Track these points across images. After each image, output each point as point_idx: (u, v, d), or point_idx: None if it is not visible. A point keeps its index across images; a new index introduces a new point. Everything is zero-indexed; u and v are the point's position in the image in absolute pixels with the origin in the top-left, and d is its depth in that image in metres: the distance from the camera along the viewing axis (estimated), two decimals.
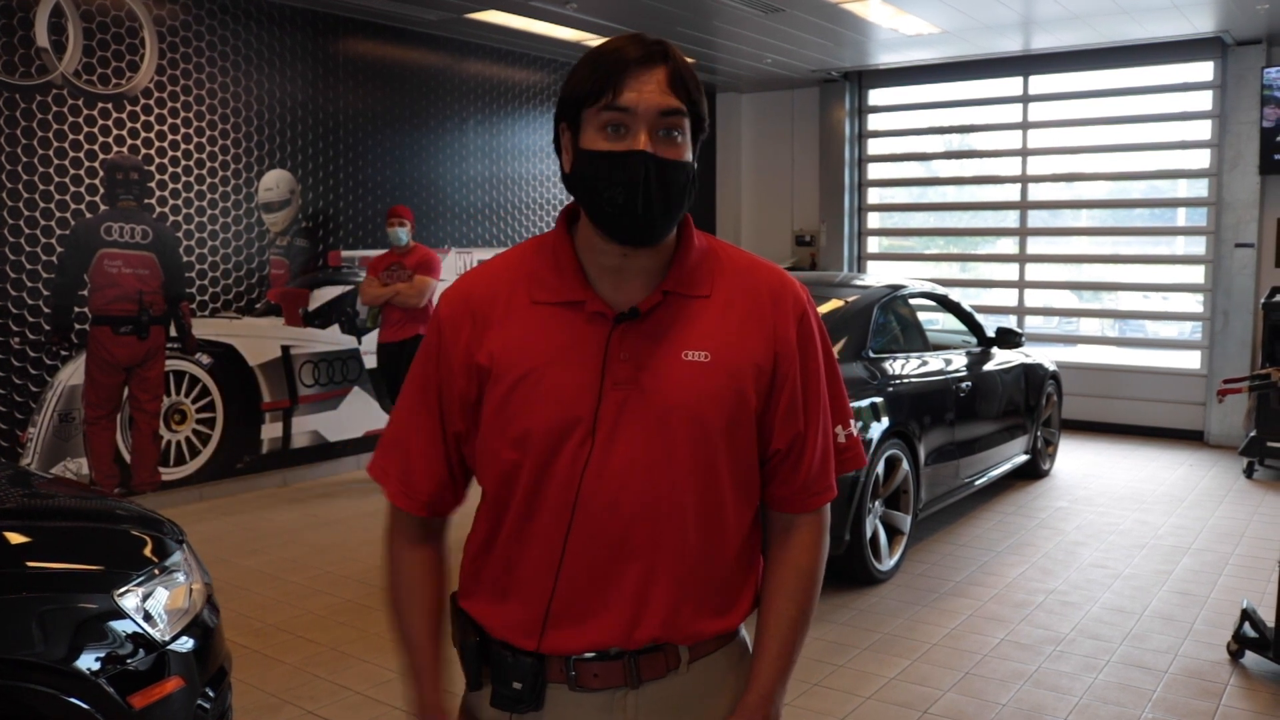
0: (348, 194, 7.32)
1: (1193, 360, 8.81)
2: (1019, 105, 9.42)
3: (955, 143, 10.16)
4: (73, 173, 5.82)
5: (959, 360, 6.06)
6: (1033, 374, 6.89)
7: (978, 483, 6.18)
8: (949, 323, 7.14)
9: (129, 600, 2.42)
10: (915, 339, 5.96)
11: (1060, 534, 5.86)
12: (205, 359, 6.52)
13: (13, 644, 2.22)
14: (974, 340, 6.63)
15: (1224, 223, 8.34)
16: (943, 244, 10.49)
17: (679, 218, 1.39)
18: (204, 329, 6.50)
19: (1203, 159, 8.66)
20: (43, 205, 5.70)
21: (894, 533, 5.18)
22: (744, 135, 10.84)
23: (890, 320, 5.76)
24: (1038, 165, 9.38)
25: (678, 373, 1.37)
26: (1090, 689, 3.80)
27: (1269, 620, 3.99)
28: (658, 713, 1.42)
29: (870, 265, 10.40)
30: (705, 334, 1.39)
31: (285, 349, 6.99)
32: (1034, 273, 9.58)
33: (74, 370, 5.87)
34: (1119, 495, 6.77)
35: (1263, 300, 7.67)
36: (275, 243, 6.91)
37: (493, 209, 8.40)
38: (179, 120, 6.30)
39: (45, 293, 5.74)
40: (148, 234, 6.17)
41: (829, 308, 5.44)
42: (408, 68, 7.70)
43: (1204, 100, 8.58)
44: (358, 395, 7.42)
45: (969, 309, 6.76)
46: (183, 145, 6.33)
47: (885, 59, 9.33)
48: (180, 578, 2.60)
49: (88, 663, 2.30)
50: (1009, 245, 9.73)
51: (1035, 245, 9.52)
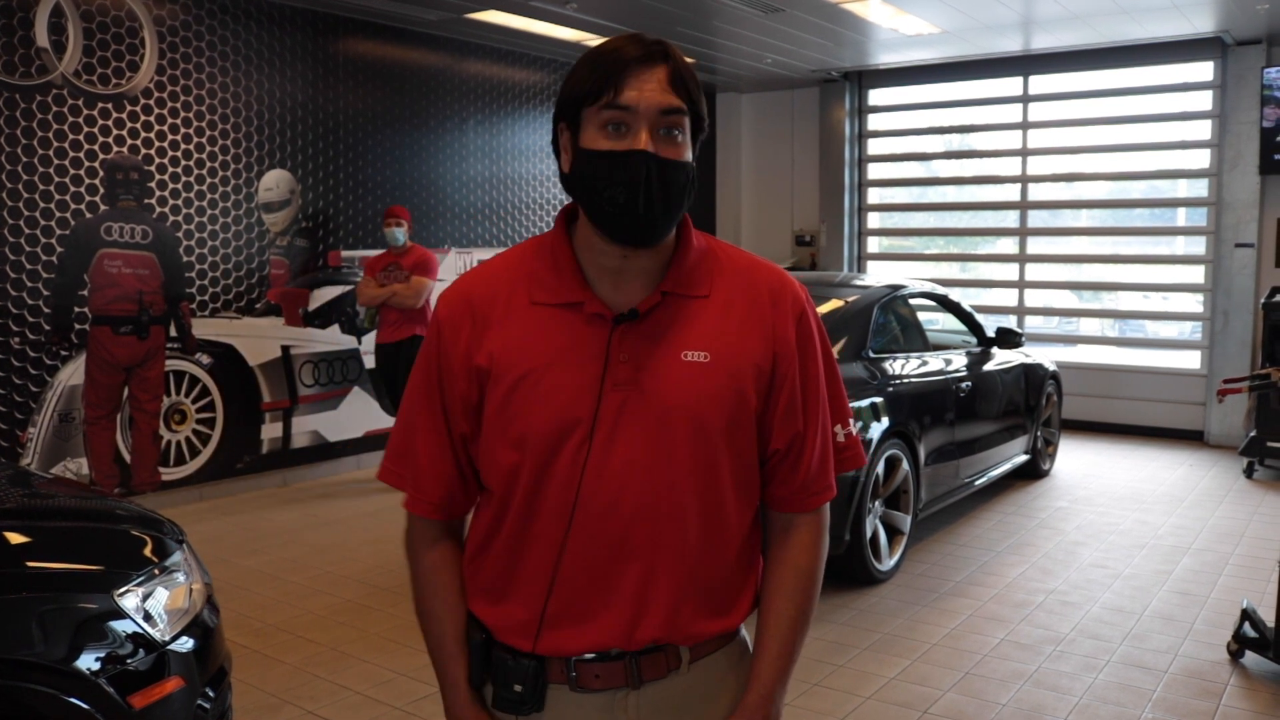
0: (347, 194, 7.33)
1: (1193, 360, 8.81)
2: (1019, 105, 9.42)
3: (955, 143, 10.16)
4: (73, 173, 5.82)
5: (959, 360, 6.06)
6: (1033, 374, 6.89)
7: (978, 483, 6.18)
8: (949, 323, 7.14)
9: (129, 600, 2.42)
10: (915, 339, 5.96)
11: (1060, 534, 5.86)
12: (205, 359, 6.52)
13: (13, 644, 2.22)
14: (974, 340, 6.63)
15: (1224, 223, 8.34)
16: (943, 244, 10.49)
17: (679, 218, 1.38)
18: (204, 329, 6.50)
19: (1203, 159, 8.66)
20: (43, 205, 5.71)
21: (894, 533, 5.18)
22: (744, 135, 10.84)
23: (890, 320, 5.76)
24: (1038, 165, 9.38)
25: (677, 373, 1.37)
26: (1090, 689, 3.80)
27: (1269, 620, 3.99)
28: (659, 713, 1.42)
29: (870, 265, 10.40)
30: (704, 334, 1.39)
31: (285, 349, 6.99)
32: (1034, 273, 9.58)
33: (74, 370, 5.87)
34: (1119, 495, 6.77)
35: (1263, 300, 7.67)
36: (275, 243, 6.91)
37: (493, 209, 8.40)
38: (179, 120, 6.30)
39: (45, 293, 5.74)
40: (148, 234, 6.18)
41: (829, 308, 5.44)
42: (408, 68, 7.70)
43: (1204, 100, 8.58)
44: (358, 395, 7.42)
45: (969, 309, 6.76)
46: (183, 145, 6.33)
47: (885, 59, 9.33)
48: (180, 578, 2.60)
49: (88, 663, 2.30)
50: (1009, 245, 9.73)
51: (1035, 245, 9.52)
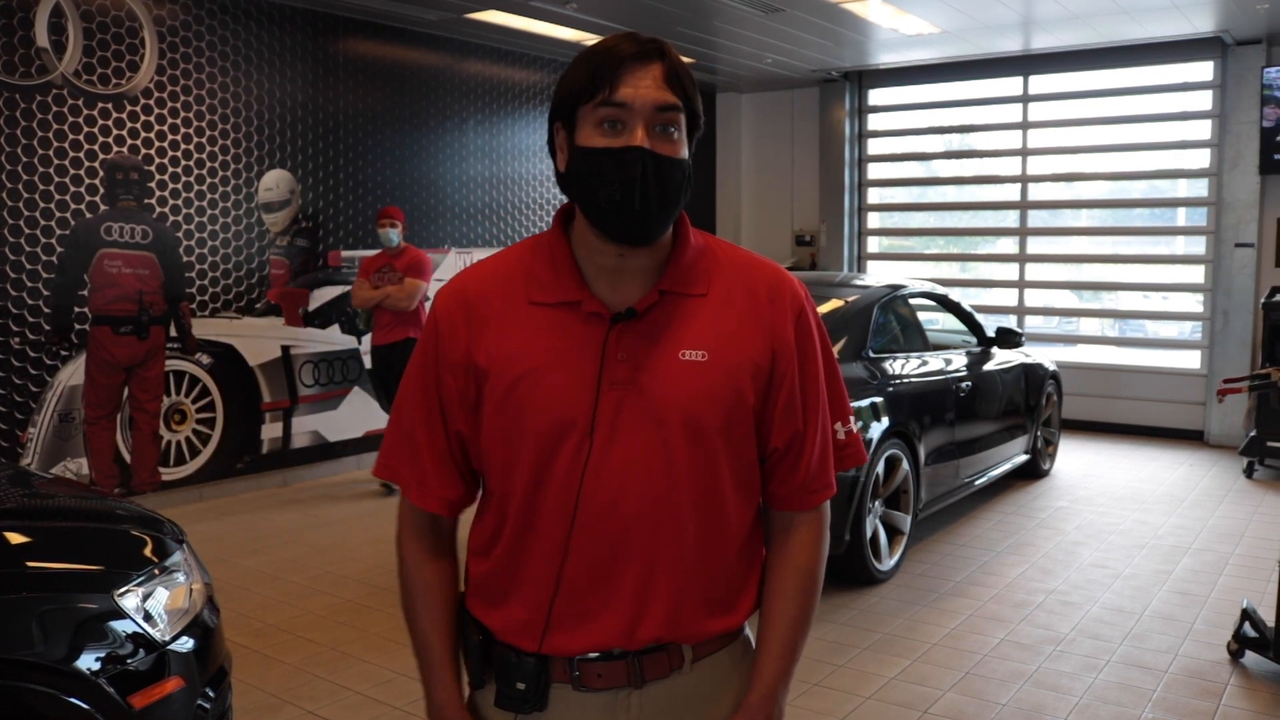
0: (347, 194, 7.32)
1: (1193, 360, 8.81)
2: (1019, 105, 9.42)
3: (955, 143, 10.16)
4: (73, 173, 5.82)
5: (959, 360, 6.06)
6: (1033, 374, 6.89)
7: (978, 483, 6.18)
8: (949, 323, 7.14)
9: (129, 600, 2.42)
10: (915, 339, 5.96)
11: (1060, 534, 5.86)
12: (205, 359, 6.52)
13: (13, 644, 2.22)
14: (974, 340, 6.63)
15: (1224, 223, 8.34)
16: (943, 244, 10.49)
17: (675, 215, 1.38)
18: (204, 329, 6.50)
19: (1203, 159, 8.66)
20: (43, 205, 5.70)
21: (894, 533, 5.18)
22: (744, 135, 10.83)
23: (890, 320, 5.76)
24: (1038, 165, 9.38)
25: (675, 372, 1.36)
26: (1090, 689, 3.80)
27: (1269, 620, 3.99)
28: (661, 712, 1.41)
29: (870, 265, 10.40)
30: (702, 333, 1.38)
31: (285, 349, 6.99)
32: (1034, 273, 9.58)
33: (74, 370, 5.87)
34: (1119, 495, 6.77)
35: (1263, 300, 7.67)
36: (275, 243, 6.91)
37: (492, 209, 8.40)
38: (179, 120, 6.30)
39: (45, 293, 5.74)
40: (148, 234, 6.17)
41: (829, 308, 5.43)
42: (408, 68, 7.70)
43: (1204, 100, 8.58)
44: (358, 395, 7.42)
45: (969, 309, 6.76)
46: (183, 145, 6.33)
47: (885, 59, 9.33)
48: (180, 578, 2.60)
49: (88, 663, 2.30)
50: (1009, 245, 9.73)
51: (1035, 245, 9.52)
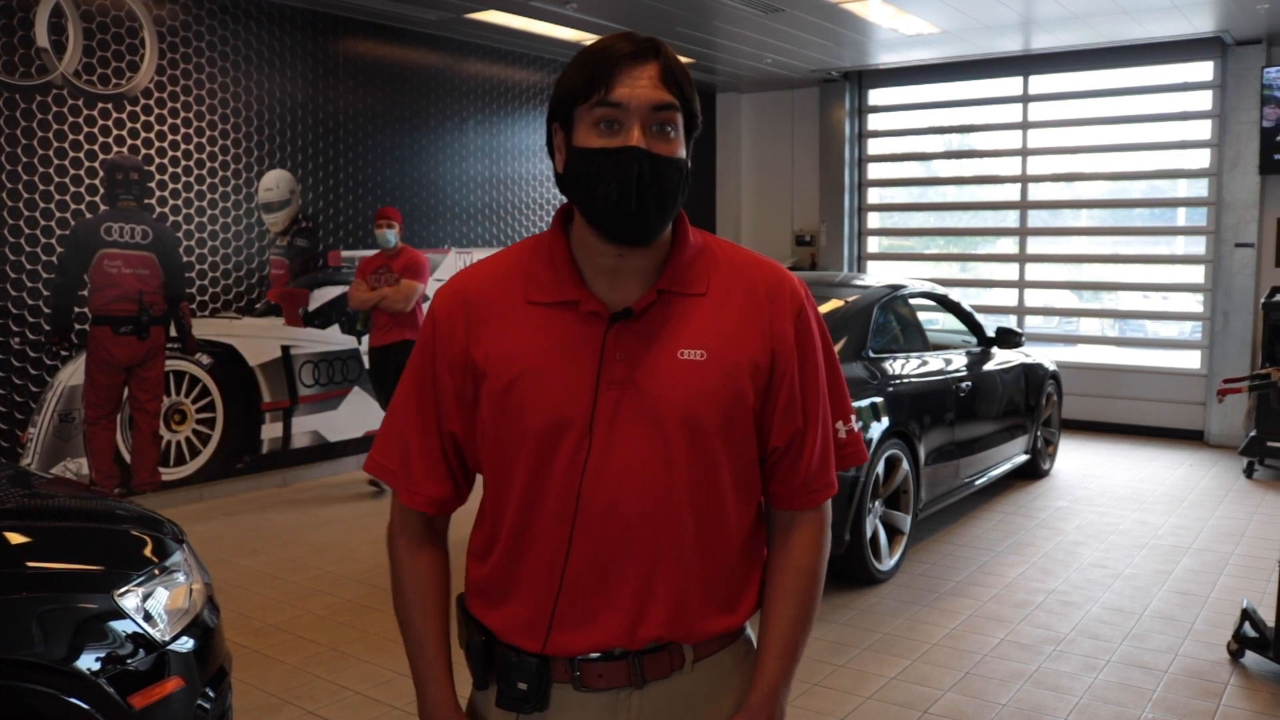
0: (348, 194, 7.32)
1: (1193, 360, 8.81)
2: (1019, 105, 9.42)
3: (955, 143, 10.16)
4: (73, 173, 5.82)
5: (959, 360, 6.06)
6: (1033, 374, 6.89)
7: (978, 483, 6.18)
8: (949, 323, 7.14)
9: (129, 600, 2.42)
10: (915, 339, 5.96)
11: (1060, 534, 5.86)
12: (205, 359, 6.52)
13: (13, 644, 2.22)
14: (974, 340, 6.63)
15: (1224, 223, 8.34)
16: (943, 244, 10.49)
17: (673, 215, 1.38)
18: (204, 329, 6.50)
19: (1203, 159, 8.66)
20: (43, 205, 5.70)
21: (894, 533, 5.18)
22: (744, 135, 10.83)
23: (890, 320, 5.76)
24: (1038, 165, 9.38)
25: (673, 371, 1.36)
26: (1090, 689, 3.80)
27: (1269, 620, 3.99)
28: (662, 712, 1.41)
29: (870, 265, 10.40)
30: (701, 332, 1.38)
31: (285, 349, 6.99)
32: (1034, 273, 9.58)
33: (74, 370, 5.87)
34: (1119, 495, 6.77)
35: (1263, 300, 7.67)
36: (275, 243, 6.91)
37: (492, 209, 8.40)
38: (179, 120, 6.30)
39: (45, 293, 5.74)
40: (148, 234, 6.17)
41: (829, 308, 5.43)
42: (408, 68, 7.70)
43: (1204, 100, 8.58)
44: (358, 395, 7.42)
45: (969, 309, 6.76)
46: (183, 145, 6.33)
47: (885, 59, 9.33)
48: (180, 578, 2.60)
49: (88, 663, 2.30)
50: (1009, 245, 9.73)
51: (1035, 245, 9.52)
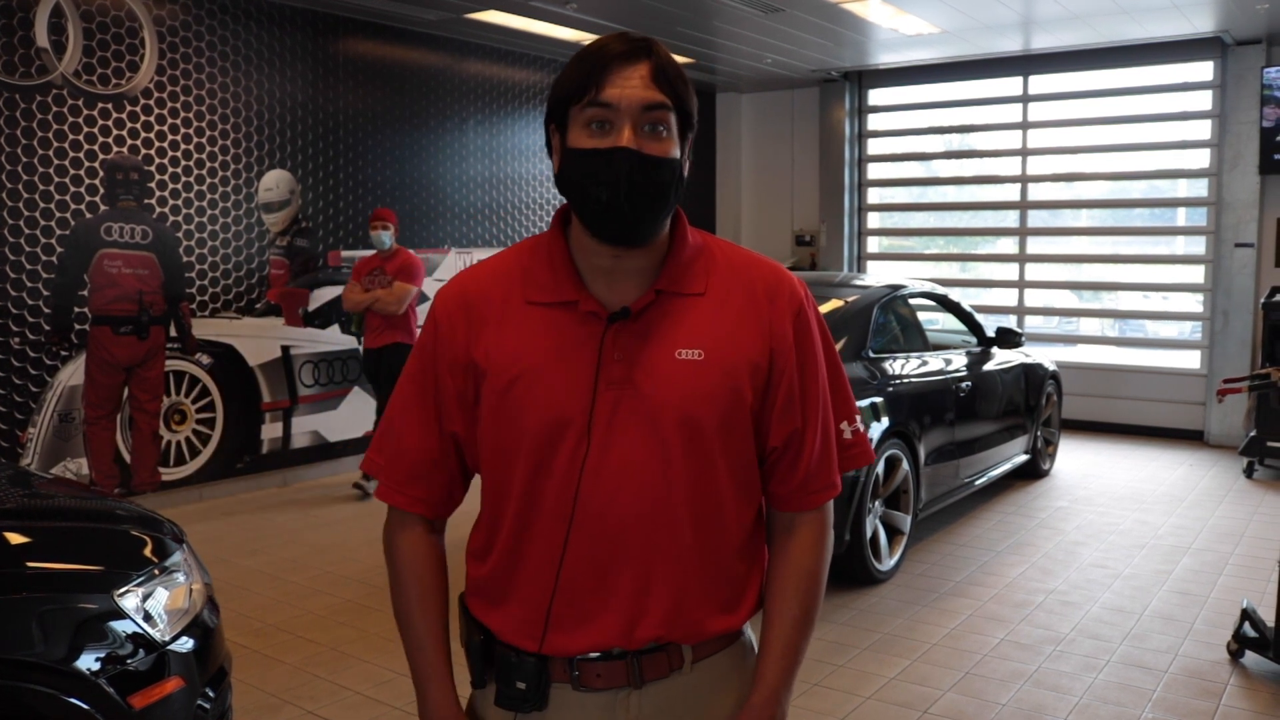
0: (348, 194, 7.32)
1: (1193, 360, 8.81)
2: (1019, 105, 9.42)
3: (955, 143, 10.16)
4: (73, 173, 5.82)
5: (959, 360, 6.06)
6: (1033, 374, 6.89)
7: (978, 483, 6.18)
8: (949, 323, 7.14)
9: (129, 600, 2.42)
10: (915, 339, 5.96)
11: (1060, 534, 5.86)
12: (205, 359, 6.52)
13: (13, 644, 2.22)
14: (974, 340, 6.63)
15: (1224, 223, 8.34)
16: (943, 244, 10.49)
17: (667, 215, 1.37)
18: (204, 329, 6.50)
19: (1203, 159, 8.66)
20: (43, 205, 5.70)
21: (894, 533, 5.18)
22: (744, 135, 10.83)
23: (890, 320, 5.76)
24: (1038, 165, 9.38)
25: (670, 372, 1.36)
26: (1090, 689, 3.80)
27: (1269, 620, 3.99)
28: (662, 713, 1.41)
29: (870, 265, 10.40)
30: (699, 332, 1.38)
31: (285, 349, 6.99)
32: (1034, 273, 9.58)
33: (74, 370, 5.87)
34: (1119, 495, 6.77)
35: (1262, 300, 7.67)
36: (275, 243, 6.91)
37: (492, 209, 8.40)
38: (179, 120, 6.30)
39: (45, 293, 5.74)
40: (148, 234, 6.17)
41: (829, 308, 5.43)
42: (408, 68, 7.70)
43: (1204, 100, 8.58)
44: (358, 395, 7.42)
45: (969, 309, 6.76)
46: (183, 145, 6.33)
47: (885, 59, 9.33)
48: (180, 578, 2.60)
49: (88, 663, 2.29)
50: (1009, 245, 9.73)
51: (1035, 245, 9.52)
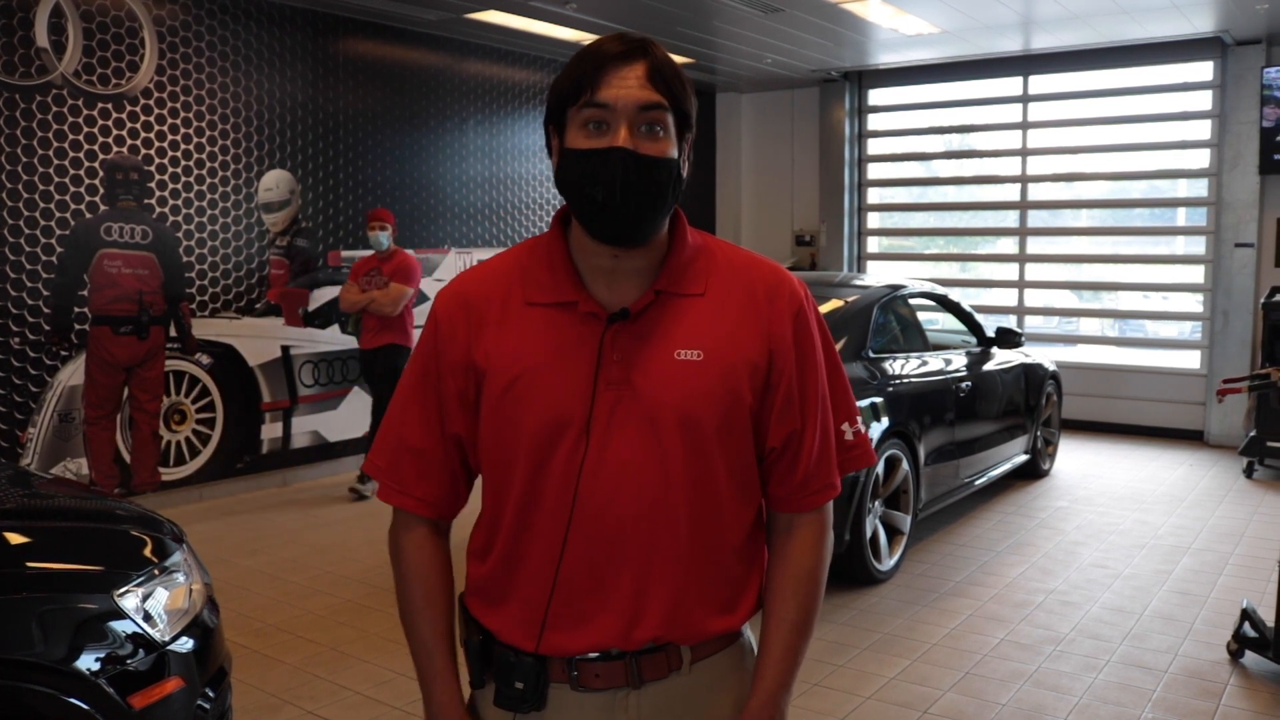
0: (348, 194, 7.32)
1: (1193, 360, 8.81)
2: (1019, 105, 9.42)
3: (955, 143, 10.16)
4: (73, 173, 5.82)
5: (959, 360, 6.06)
6: (1033, 374, 6.89)
7: (978, 483, 6.18)
8: (949, 323, 7.14)
9: (129, 600, 2.42)
10: (915, 339, 5.96)
11: (1060, 534, 5.86)
12: (205, 359, 6.52)
13: (13, 644, 2.22)
14: (974, 340, 6.63)
15: (1224, 223, 8.34)
16: (943, 244, 10.49)
17: (664, 215, 1.37)
18: (204, 329, 6.50)
19: (1203, 159, 8.66)
20: (43, 205, 5.70)
21: (894, 533, 5.18)
22: (744, 135, 10.83)
23: (890, 320, 5.76)
24: (1038, 165, 9.38)
25: (669, 372, 1.36)
26: (1090, 689, 3.80)
27: (1269, 620, 3.99)
28: (660, 713, 1.41)
29: (870, 265, 10.40)
30: (698, 332, 1.38)
31: (285, 349, 6.99)
32: (1034, 273, 9.58)
33: (74, 370, 5.87)
34: (1119, 495, 6.77)
35: (1262, 300, 7.67)
36: (275, 243, 6.91)
37: (492, 209, 8.40)
38: (179, 120, 6.30)
39: (45, 293, 5.74)
40: (148, 234, 6.17)
41: (829, 308, 5.43)
42: (408, 68, 7.70)
43: (1204, 100, 8.58)
44: (357, 395, 7.42)
45: (969, 309, 6.76)
46: (183, 145, 6.33)
47: (885, 59, 9.33)
48: (180, 578, 2.60)
49: (88, 663, 2.29)
50: (1009, 245, 9.73)
51: (1035, 245, 9.52)
